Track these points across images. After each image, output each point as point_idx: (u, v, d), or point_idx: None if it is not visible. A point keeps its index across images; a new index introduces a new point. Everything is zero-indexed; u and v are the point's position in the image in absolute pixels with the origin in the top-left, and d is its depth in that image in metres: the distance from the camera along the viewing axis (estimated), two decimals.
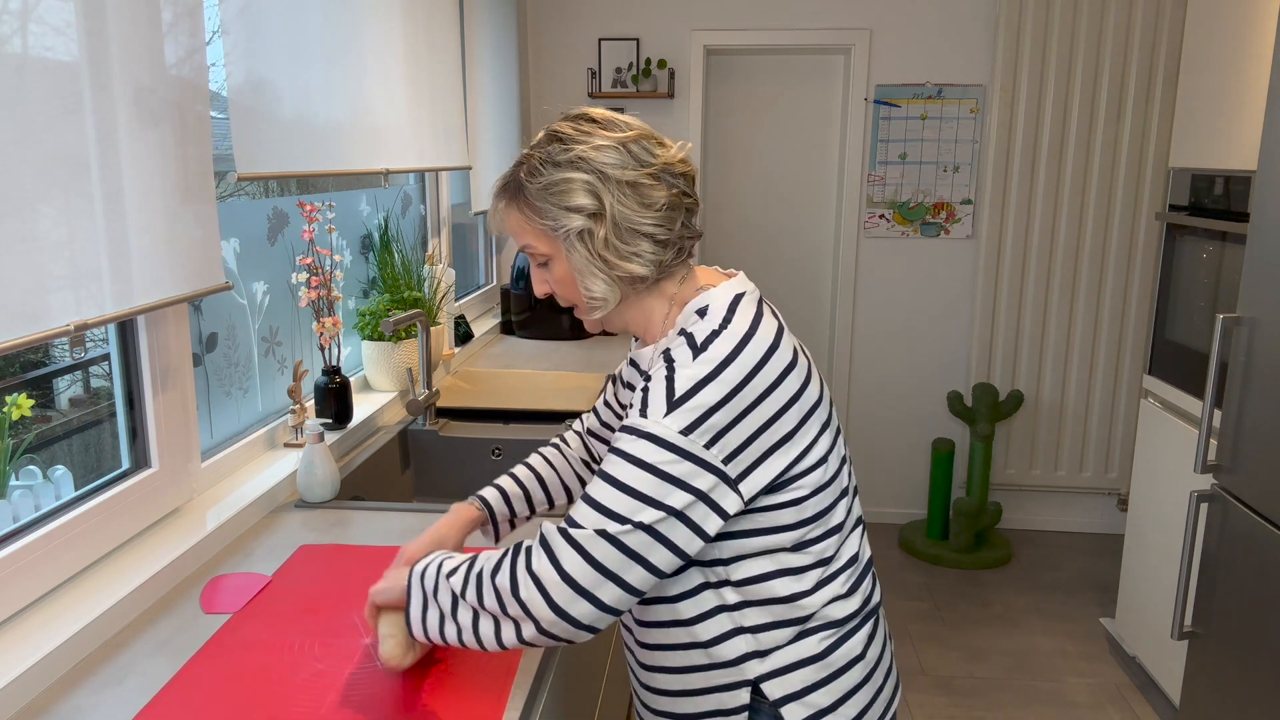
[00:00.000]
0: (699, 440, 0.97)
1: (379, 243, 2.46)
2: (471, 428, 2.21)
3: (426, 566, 1.08)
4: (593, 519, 0.97)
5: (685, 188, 1.08)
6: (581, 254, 1.05)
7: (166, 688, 1.10)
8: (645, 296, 1.11)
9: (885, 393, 4.00)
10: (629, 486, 0.97)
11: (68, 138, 1.17)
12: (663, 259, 1.07)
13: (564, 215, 1.04)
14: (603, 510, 0.97)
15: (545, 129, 1.10)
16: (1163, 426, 2.72)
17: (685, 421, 0.97)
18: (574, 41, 3.79)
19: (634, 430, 0.98)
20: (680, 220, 1.07)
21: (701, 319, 1.04)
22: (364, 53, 2.08)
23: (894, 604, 3.39)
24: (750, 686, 1.08)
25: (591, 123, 1.07)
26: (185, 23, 1.41)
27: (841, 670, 1.10)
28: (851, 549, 1.12)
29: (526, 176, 1.06)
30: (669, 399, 0.98)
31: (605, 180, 1.03)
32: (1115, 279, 3.72)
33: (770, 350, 1.02)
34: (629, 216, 1.04)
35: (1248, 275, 2.05)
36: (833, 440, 1.09)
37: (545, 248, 1.08)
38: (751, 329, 1.02)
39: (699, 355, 0.99)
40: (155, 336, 1.49)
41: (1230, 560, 2.08)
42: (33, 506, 1.30)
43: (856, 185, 3.81)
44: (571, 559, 0.96)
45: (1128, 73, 3.55)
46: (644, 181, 1.04)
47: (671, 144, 1.10)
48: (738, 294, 1.07)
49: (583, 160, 1.04)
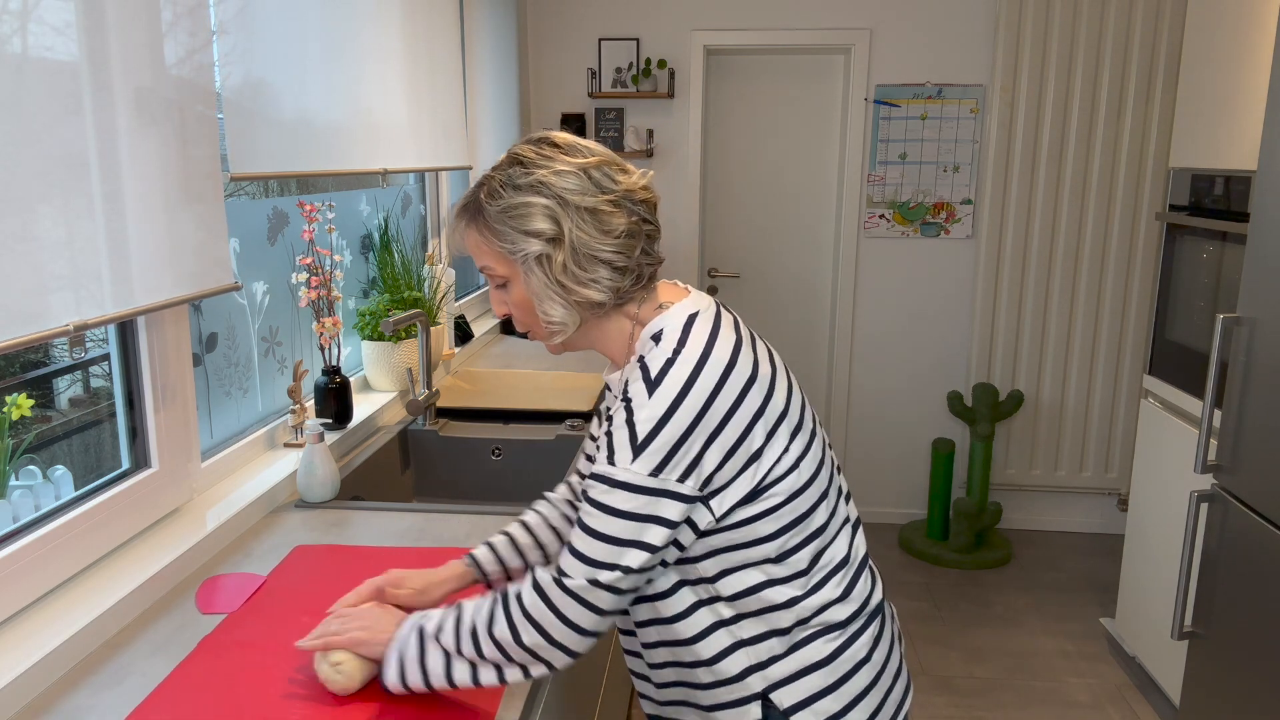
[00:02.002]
0: (670, 476, 0.98)
1: (379, 243, 2.46)
2: (471, 428, 2.21)
3: (407, 632, 1.07)
4: (582, 570, 1.00)
5: (646, 214, 1.08)
6: (539, 278, 1.05)
7: (160, 687, 1.10)
8: (606, 319, 1.11)
9: (885, 392, 4.00)
10: (609, 535, 0.99)
11: (68, 138, 1.17)
12: (620, 285, 1.06)
13: (522, 239, 1.04)
14: (589, 561, 1.00)
15: (508, 151, 1.10)
16: (1163, 426, 2.72)
17: (653, 464, 0.98)
18: (574, 41, 3.79)
19: (605, 479, 1.00)
20: (640, 247, 1.07)
21: (656, 345, 1.04)
22: (363, 52, 2.08)
23: (894, 604, 3.39)
24: (760, 700, 1.08)
25: (554, 147, 1.07)
26: (185, 23, 1.41)
27: (849, 674, 1.09)
28: (840, 551, 1.11)
29: (487, 198, 1.06)
30: (633, 444, 0.99)
31: (565, 206, 1.03)
32: (1115, 279, 3.72)
33: (727, 369, 1.02)
34: (588, 243, 1.03)
35: (1248, 275, 2.05)
36: (806, 444, 1.08)
37: (503, 270, 1.08)
38: (706, 351, 1.02)
39: (654, 391, 0.99)
40: (155, 337, 1.49)
41: (1230, 560, 2.08)
42: (33, 506, 1.30)
43: (856, 185, 3.81)
44: (573, 609, 1.00)
45: (1128, 73, 3.55)
46: (604, 208, 1.04)
47: (634, 170, 1.10)
48: (691, 314, 1.07)
49: (543, 185, 1.03)
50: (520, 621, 1.01)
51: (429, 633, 1.06)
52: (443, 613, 1.07)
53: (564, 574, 1.01)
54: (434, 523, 1.63)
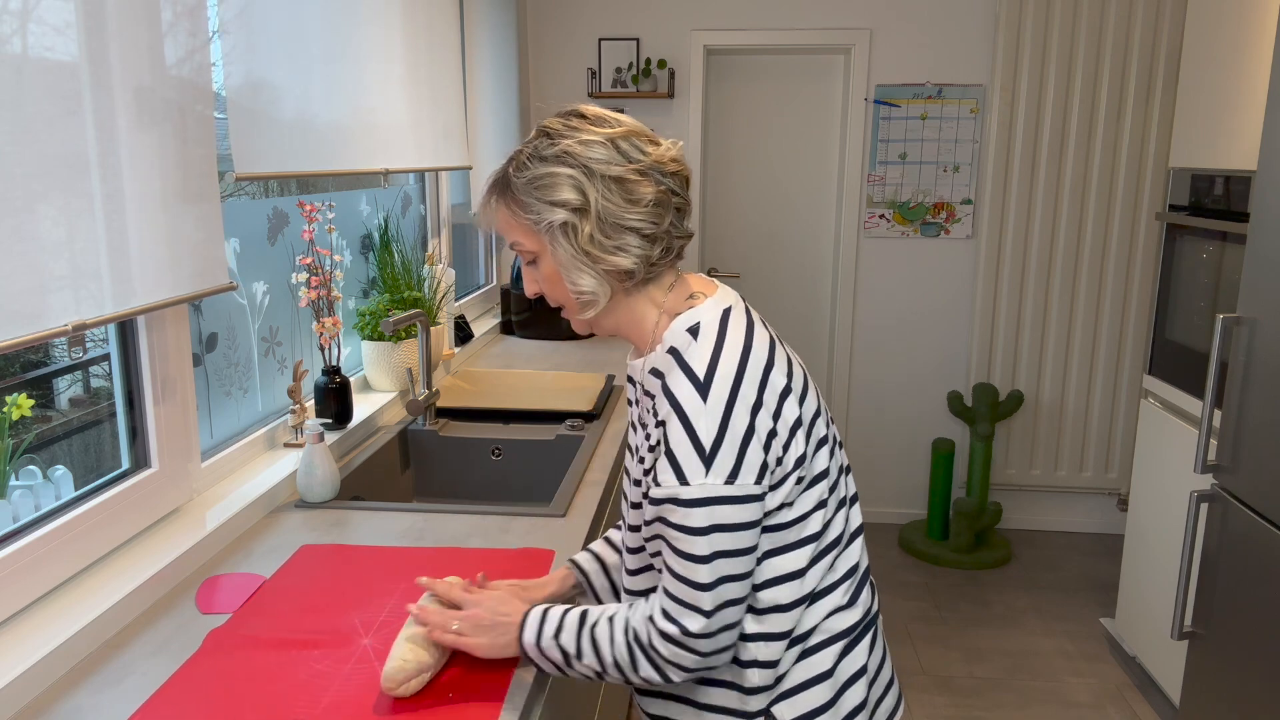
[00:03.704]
0: (747, 479, 0.97)
1: (379, 243, 2.46)
2: (471, 428, 2.21)
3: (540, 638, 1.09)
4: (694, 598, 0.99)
5: (675, 186, 1.06)
6: (566, 249, 1.04)
7: (163, 688, 1.10)
8: (635, 300, 1.09)
9: (885, 392, 4.00)
10: (707, 556, 0.98)
11: (68, 138, 1.17)
12: (650, 255, 1.05)
13: (547, 209, 1.03)
14: (699, 586, 0.98)
15: (537, 125, 1.09)
16: (1163, 426, 2.72)
17: (725, 471, 0.97)
18: (574, 41, 3.79)
19: (679, 500, 0.98)
20: (669, 219, 1.05)
21: (695, 339, 1.03)
22: (363, 53, 2.08)
23: (894, 604, 3.39)
24: (762, 716, 1.07)
25: (581, 119, 1.06)
26: (185, 22, 1.41)
27: (846, 686, 1.09)
28: (851, 560, 1.11)
29: (514, 171, 1.06)
30: (701, 456, 0.97)
31: (590, 175, 1.02)
32: (1115, 279, 3.72)
33: (769, 366, 1.02)
34: (614, 212, 1.02)
35: (1248, 275, 2.05)
36: (830, 451, 1.08)
37: (531, 244, 1.07)
38: (747, 346, 1.02)
39: (707, 394, 0.98)
40: (155, 337, 1.49)
41: (1230, 560, 2.08)
42: (33, 506, 1.30)
43: (856, 185, 3.81)
44: (704, 644, 1.01)
45: (1128, 73, 3.55)
46: (631, 178, 1.03)
47: (664, 142, 1.08)
48: (726, 308, 1.06)
49: (568, 155, 1.02)
50: (666, 667, 1.03)
51: (570, 652, 1.07)
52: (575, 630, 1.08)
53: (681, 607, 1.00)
54: (434, 523, 1.63)
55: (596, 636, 1.06)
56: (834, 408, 4.03)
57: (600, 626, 1.06)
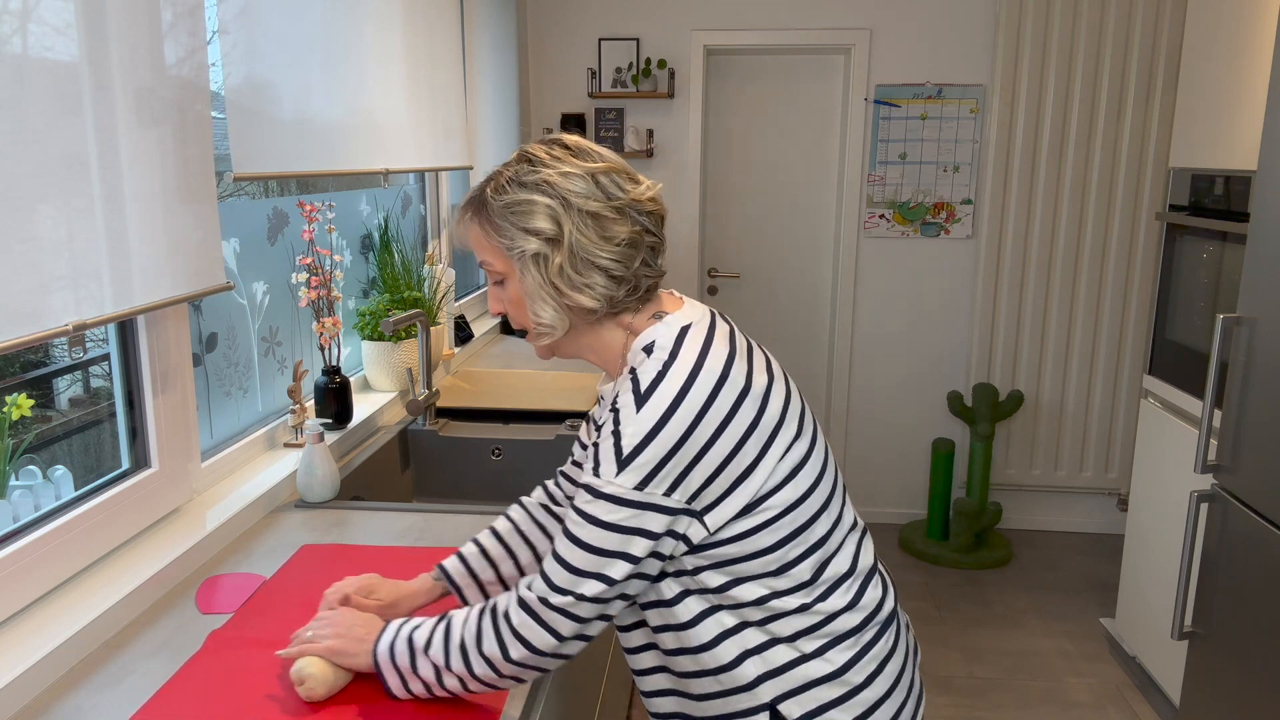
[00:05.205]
0: (656, 490, 0.97)
1: (379, 243, 2.46)
2: (471, 428, 2.21)
3: (394, 642, 1.08)
4: (568, 581, 1.00)
5: (650, 225, 1.08)
6: (534, 278, 1.05)
7: (165, 688, 1.10)
8: (600, 328, 1.10)
9: (885, 393, 4.00)
10: (592, 546, 0.99)
11: (68, 138, 1.17)
12: (614, 295, 1.06)
13: (521, 236, 1.04)
14: (574, 570, 1.00)
15: (519, 149, 1.10)
16: (1163, 426, 2.72)
17: (637, 478, 0.97)
18: (574, 41, 3.79)
19: (591, 490, 1.00)
20: (640, 258, 1.06)
21: (648, 356, 1.03)
22: (364, 53, 2.08)
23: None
24: (768, 710, 1.06)
25: (564, 149, 1.07)
26: (185, 23, 1.41)
27: (861, 686, 1.08)
28: (845, 560, 1.10)
29: (492, 193, 1.06)
30: (618, 458, 0.98)
31: (568, 207, 1.03)
32: (1115, 279, 3.72)
33: (719, 383, 1.00)
34: (586, 247, 1.03)
35: (1248, 275, 2.05)
36: (805, 453, 1.06)
37: (501, 266, 1.08)
38: (698, 364, 1.01)
39: (643, 405, 0.98)
40: (155, 337, 1.49)
41: (1230, 560, 2.08)
42: (33, 506, 1.30)
43: (856, 185, 3.81)
44: (560, 622, 1.01)
45: (1128, 73, 3.55)
46: (607, 214, 1.04)
47: (644, 181, 1.10)
48: (684, 326, 1.06)
49: (548, 185, 1.03)
50: (509, 639, 1.02)
51: (418, 646, 1.06)
52: (430, 624, 1.07)
53: (550, 588, 1.00)
54: (434, 523, 1.63)
55: (451, 621, 1.06)
56: (834, 408, 4.03)
57: (457, 614, 1.07)
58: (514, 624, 1.02)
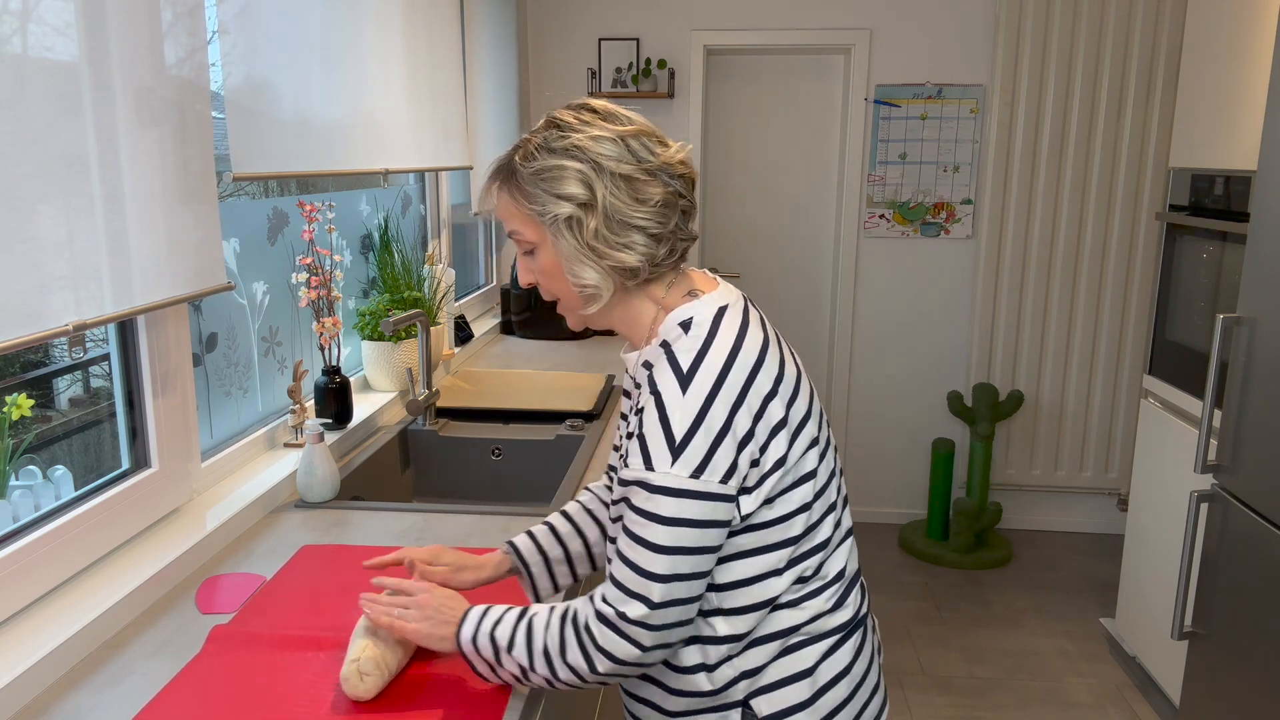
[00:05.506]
0: (713, 478, 0.96)
1: (379, 243, 2.46)
2: (471, 428, 2.21)
3: (475, 635, 1.07)
4: (641, 585, 0.97)
5: (682, 189, 1.06)
6: (570, 243, 1.03)
7: (166, 688, 1.09)
8: (634, 298, 1.09)
9: (885, 392, 4.00)
10: (666, 546, 0.97)
11: (68, 138, 1.17)
12: (656, 255, 1.05)
13: (553, 202, 1.02)
14: (647, 575, 0.97)
15: (546, 115, 1.08)
16: (1163, 426, 2.72)
17: (692, 466, 0.96)
18: (574, 41, 3.79)
19: (647, 485, 0.97)
20: (675, 220, 1.05)
21: (685, 333, 1.02)
22: (364, 53, 2.08)
23: (894, 604, 3.39)
24: (740, 708, 1.06)
25: (592, 113, 1.06)
26: (185, 23, 1.41)
27: (827, 686, 1.08)
28: (839, 564, 1.10)
29: (521, 160, 1.05)
30: (670, 446, 0.96)
31: (599, 171, 1.02)
32: (1115, 279, 3.72)
33: (756, 366, 1.00)
34: (620, 209, 1.02)
35: (1248, 275, 2.05)
36: (821, 454, 1.07)
37: (531, 234, 1.06)
38: (736, 345, 1.01)
39: (687, 387, 0.97)
40: (155, 337, 1.49)
41: (1230, 560, 2.08)
42: (33, 506, 1.30)
43: (856, 185, 3.81)
44: (642, 634, 0.98)
45: (1128, 73, 3.55)
46: (639, 177, 1.02)
47: (673, 144, 1.08)
48: (721, 306, 1.05)
49: (578, 149, 1.02)
50: (593, 653, 1.00)
51: (501, 644, 1.05)
52: (511, 622, 1.06)
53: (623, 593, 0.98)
54: (434, 523, 1.63)
55: (533, 624, 1.05)
56: (834, 408, 4.03)
57: (539, 615, 1.06)
58: (596, 639, 1.00)
